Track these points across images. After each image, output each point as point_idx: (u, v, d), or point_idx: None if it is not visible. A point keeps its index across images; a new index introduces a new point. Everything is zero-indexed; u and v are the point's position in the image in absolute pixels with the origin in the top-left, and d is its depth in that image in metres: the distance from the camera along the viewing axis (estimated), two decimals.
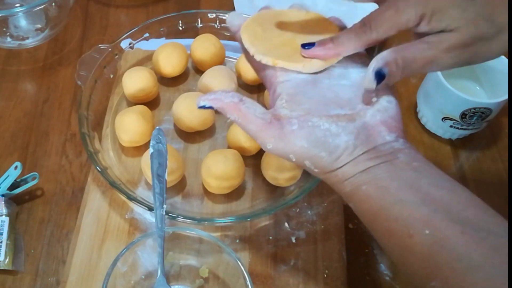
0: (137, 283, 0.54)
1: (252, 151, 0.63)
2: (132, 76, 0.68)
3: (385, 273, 0.59)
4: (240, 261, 0.50)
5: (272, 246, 0.59)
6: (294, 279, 0.56)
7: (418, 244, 0.34)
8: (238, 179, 0.60)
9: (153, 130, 0.56)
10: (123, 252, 0.50)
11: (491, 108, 0.64)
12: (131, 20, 0.84)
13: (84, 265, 0.56)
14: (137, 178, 0.63)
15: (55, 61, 0.78)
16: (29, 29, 0.78)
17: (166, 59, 0.70)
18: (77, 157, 0.67)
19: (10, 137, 0.69)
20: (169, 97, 0.71)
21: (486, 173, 0.69)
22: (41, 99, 0.73)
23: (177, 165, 0.60)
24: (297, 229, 0.60)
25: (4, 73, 0.76)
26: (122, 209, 0.61)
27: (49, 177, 0.65)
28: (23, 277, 0.57)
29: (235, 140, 0.63)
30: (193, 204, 0.62)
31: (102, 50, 0.70)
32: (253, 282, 0.56)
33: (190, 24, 0.76)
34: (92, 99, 0.67)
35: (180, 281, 0.55)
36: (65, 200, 0.63)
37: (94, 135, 0.65)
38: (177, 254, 0.55)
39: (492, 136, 0.73)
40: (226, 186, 0.60)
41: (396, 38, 0.43)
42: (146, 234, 0.53)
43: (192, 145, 0.67)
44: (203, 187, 0.62)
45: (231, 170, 0.59)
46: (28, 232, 0.61)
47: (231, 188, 0.60)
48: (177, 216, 0.56)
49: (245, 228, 0.60)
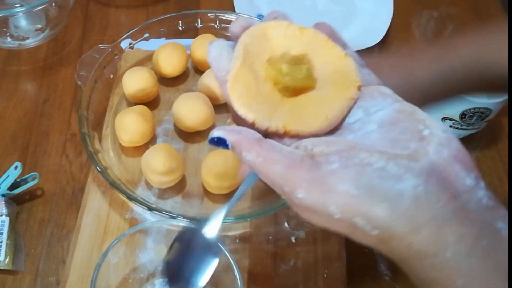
0: (129, 275, 0.54)
1: None
2: (132, 76, 0.68)
3: (385, 273, 0.59)
4: (229, 254, 0.50)
5: (272, 246, 0.59)
6: (294, 279, 0.56)
7: None
8: (238, 179, 0.60)
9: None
10: (114, 243, 0.50)
11: (491, 108, 0.64)
12: (131, 20, 0.84)
13: (84, 265, 0.56)
14: (137, 178, 0.63)
15: (55, 61, 0.78)
16: (29, 29, 0.78)
17: (166, 59, 0.70)
18: (77, 157, 0.67)
19: (10, 137, 0.69)
20: (169, 97, 0.71)
21: (486, 173, 0.69)
22: (41, 99, 0.73)
23: (177, 165, 0.60)
24: (297, 229, 0.60)
25: (4, 73, 0.76)
26: (122, 209, 0.61)
27: (49, 177, 0.65)
28: (23, 277, 0.57)
29: None
30: (193, 204, 0.62)
31: (102, 50, 0.70)
32: (253, 282, 0.56)
33: (190, 24, 0.76)
34: (92, 99, 0.67)
35: None
36: (65, 200, 0.63)
37: (94, 135, 0.65)
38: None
39: (492, 136, 0.73)
40: (226, 186, 0.60)
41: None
42: (137, 226, 0.54)
43: (192, 145, 0.67)
44: (203, 187, 0.62)
45: (231, 170, 0.59)
46: (28, 232, 0.61)
47: (231, 188, 0.60)
48: (177, 216, 0.56)
49: (245, 228, 0.60)
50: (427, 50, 0.52)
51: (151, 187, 0.62)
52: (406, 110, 0.31)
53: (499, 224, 0.27)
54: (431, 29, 0.82)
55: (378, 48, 0.80)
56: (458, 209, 0.26)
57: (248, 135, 0.30)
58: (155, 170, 0.59)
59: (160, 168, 0.59)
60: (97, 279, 0.48)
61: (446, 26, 0.84)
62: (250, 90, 0.32)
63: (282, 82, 0.33)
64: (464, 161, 0.28)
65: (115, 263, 0.52)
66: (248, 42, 0.34)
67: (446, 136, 0.29)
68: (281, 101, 0.33)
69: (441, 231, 0.26)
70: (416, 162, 0.27)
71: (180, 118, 0.65)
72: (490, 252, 0.26)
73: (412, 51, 0.53)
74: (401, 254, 0.27)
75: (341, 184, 0.27)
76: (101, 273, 0.49)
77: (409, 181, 0.26)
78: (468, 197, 0.27)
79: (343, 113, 0.32)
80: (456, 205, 0.26)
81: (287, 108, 0.32)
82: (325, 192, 0.27)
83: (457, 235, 0.26)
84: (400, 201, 0.26)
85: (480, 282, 0.25)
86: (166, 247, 0.55)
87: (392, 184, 0.26)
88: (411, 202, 0.26)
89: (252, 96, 0.32)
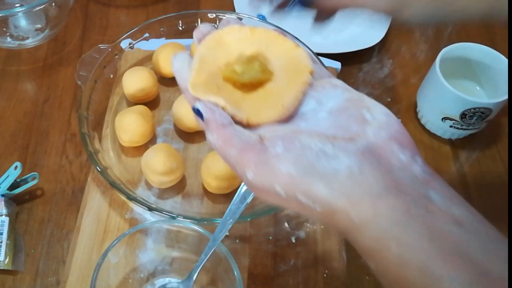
0: (129, 275, 0.54)
1: None
2: (132, 76, 0.68)
3: None
4: (229, 254, 0.50)
5: (272, 246, 0.59)
6: (294, 279, 0.57)
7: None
8: (238, 179, 0.60)
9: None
10: (114, 243, 0.50)
11: (491, 108, 0.64)
12: (131, 20, 0.84)
13: (84, 265, 0.56)
14: (137, 178, 0.63)
15: (55, 61, 0.78)
16: (29, 29, 0.78)
17: (166, 59, 0.70)
18: (77, 157, 0.67)
19: (10, 137, 0.69)
20: (169, 97, 0.71)
21: (486, 173, 0.69)
22: (41, 99, 0.73)
23: (177, 165, 0.60)
24: (297, 229, 0.60)
25: (4, 73, 0.76)
26: (122, 209, 0.61)
27: (49, 177, 0.65)
28: (23, 277, 0.57)
29: None
30: (193, 204, 0.62)
31: (102, 50, 0.70)
32: (253, 282, 0.56)
33: (190, 24, 0.76)
34: (92, 99, 0.67)
35: (171, 274, 0.55)
36: (65, 200, 0.63)
37: (94, 135, 0.65)
38: (169, 247, 0.55)
39: (492, 136, 0.73)
40: (226, 186, 0.60)
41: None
42: (137, 226, 0.54)
43: (192, 145, 0.67)
44: (203, 187, 0.62)
45: (231, 170, 0.58)
46: (28, 232, 0.61)
47: (231, 188, 0.60)
48: (177, 216, 0.56)
49: (245, 228, 0.60)
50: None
51: (151, 187, 0.62)
52: (354, 98, 0.34)
53: (431, 193, 0.29)
54: (431, 29, 0.82)
55: (378, 48, 0.80)
56: (391, 183, 0.29)
57: (217, 117, 0.33)
58: (155, 170, 0.59)
59: (160, 168, 0.59)
60: (97, 279, 0.48)
61: (447, 26, 0.84)
62: (212, 89, 0.35)
63: (239, 80, 0.36)
64: (402, 141, 0.31)
65: (115, 263, 0.52)
66: (204, 51, 0.37)
67: (387, 120, 0.32)
68: (242, 97, 0.35)
69: (375, 204, 0.28)
70: (353, 143, 0.30)
71: (180, 118, 0.65)
72: (420, 219, 0.27)
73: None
74: (344, 227, 0.29)
75: (283, 166, 0.30)
76: (101, 273, 0.49)
77: (344, 160, 0.29)
78: (402, 172, 0.30)
79: (298, 98, 0.35)
80: (389, 180, 0.29)
81: (247, 103, 0.35)
82: (270, 173, 0.30)
83: (389, 207, 0.28)
84: (336, 179, 0.29)
85: (412, 246, 0.27)
86: (166, 247, 0.55)
87: (327, 164, 0.29)
88: (346, 179, 0.29)
89: (216, 92, 0.35)
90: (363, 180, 0.29)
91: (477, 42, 0.69)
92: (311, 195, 0.29)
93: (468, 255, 0.26)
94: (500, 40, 0.82)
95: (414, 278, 0.26)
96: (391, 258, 0.27)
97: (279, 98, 0.35)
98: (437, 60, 0.67)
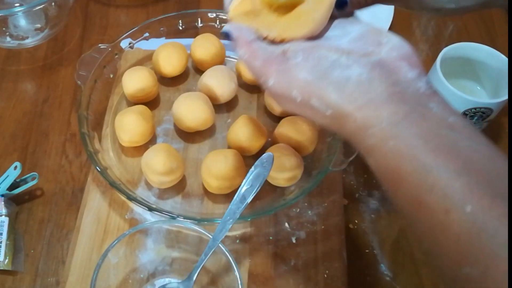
0: (129, 275, 0.54)
1: (252, 151, 0.63)
2: (132, 76, 0.67)
3: (385, 273, 0.59)
4: (229, 254, 0.50)
5: (272, 246, 0.59)
6: (294, 279, 0.56)
7: (456, 223, 0.28)
8: (238, 179, 0.59)
9: (265, 155, 0.55)
10: (114, 243, 0.50)
11: (492, 108, 0.64)
12: (131, 20, 0.84)
13: (84, 265, 0.56)
14: (137, 178, 0.63)
15: (55, 61, 0.78)
16: (28, 29, 0.78)
17: (166, 59, 0.70)
18: (77, 157, 0.67)
19: (10, 137, 0.69)
20: (169, 97, 0.71)
21: None
22: (41, 99, 0.73)
23: (177, 165, 0.60)
24: (297, 229, 0.60)
25: (4, 73, 0.76)
26: (122, 209, 0.61)
27: (49, 177, 0.65)
28: (23, 277, 0.57)
29: (235, 140, 0.63)
30: (193, 204, 0.62)
31: (102, 50, 0.70)
32: (253, 282, 0.56)
33: (190, 24, 0.76)
34: (92, 99, 0.67)
35: (171, 274, 0.55)
36: (65, 200, 0.63)
37: (94, 135, 0.64)
38: (169, 247, 0.55)
39: (492, 136, 0.73)
40: (226, 186, 0.60)
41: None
42: (137, 226, 0.54)
43: (192, 145, 0.67)
44: (203, 187, 0.62)
45: (231, 170, 0.59)
46: (28, 232, 0.60)
47: (231, 188, 0.60)
48: (177, 216, 0.56)
49: (245, 228, 0.60)
50: None
51: (151, 187, 0.62)
52: (375, 29, 0.37)
53: (431, 104, 0.33)
54: (432, 29, 0.82)
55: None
56: (395, 93, 0.33)
57: (244, 34, 0.38)
58: (155, 170, 0.59)
59: (160, 168, 0.58)
60: (97, 279, 0.48)
61: (447, 25, 0.84)
62: (250, 14, 0.40)
63: (275, 2, 0.40)
64: (411, 61, 0.34)
65: (115, 263, 0.52)
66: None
67: (400, 43, 0.35)
68: (276, 19, 0.40)
69: (378, 108, 0.32)
70: (366, 57, 0.34)
71: (180, 118, 0.65)
72: (417, 122, 0.31)
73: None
74: (350, 129, 0.34)
75: (301, 73, 0.34)
76: (101, 274, 0.49)
77: (355, 70, 0.33)
78: (407, 85, 0.33)
79: (326, 14, 0.38)
80: (394, 90, 0.33)
81: (281, 23, 0.39)
82: (289, 79, 0.35)
83: (391, 111, 0.32)
84: (346, 85, 0.33)
85: (405, 142, 0.31)
86: (166, 247, 0.55)
87: (340, 72, 0.33)
88: (355, 87, 0.33)
89: (252, 18, 0.40)
90: (370, 88, 0.33)
91: (478, 41, 0.69)
92: (323, 99, 0.34)
93: (456, 150, 0.30)
94: (500, 40, 0.82)
95: (407, 168, 0.31)
96: (389, 154, 0.32)
97: (309, 16, 0.38)
98: (438, 60, 0.66)
